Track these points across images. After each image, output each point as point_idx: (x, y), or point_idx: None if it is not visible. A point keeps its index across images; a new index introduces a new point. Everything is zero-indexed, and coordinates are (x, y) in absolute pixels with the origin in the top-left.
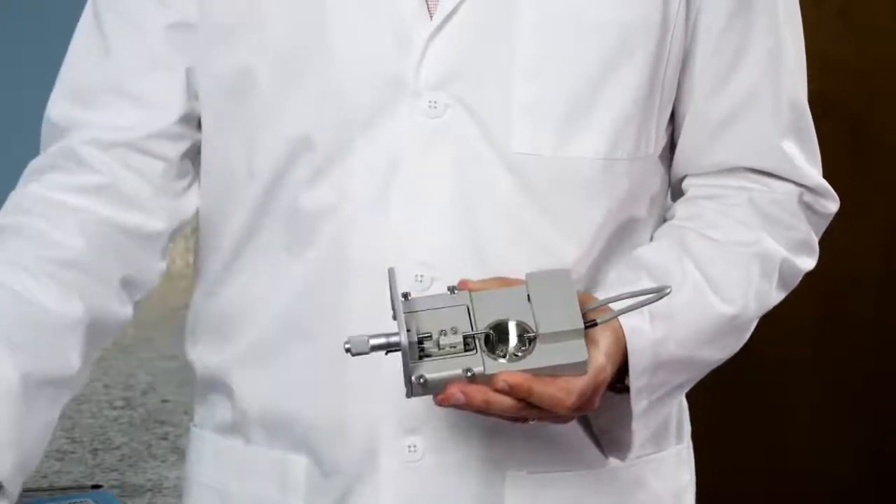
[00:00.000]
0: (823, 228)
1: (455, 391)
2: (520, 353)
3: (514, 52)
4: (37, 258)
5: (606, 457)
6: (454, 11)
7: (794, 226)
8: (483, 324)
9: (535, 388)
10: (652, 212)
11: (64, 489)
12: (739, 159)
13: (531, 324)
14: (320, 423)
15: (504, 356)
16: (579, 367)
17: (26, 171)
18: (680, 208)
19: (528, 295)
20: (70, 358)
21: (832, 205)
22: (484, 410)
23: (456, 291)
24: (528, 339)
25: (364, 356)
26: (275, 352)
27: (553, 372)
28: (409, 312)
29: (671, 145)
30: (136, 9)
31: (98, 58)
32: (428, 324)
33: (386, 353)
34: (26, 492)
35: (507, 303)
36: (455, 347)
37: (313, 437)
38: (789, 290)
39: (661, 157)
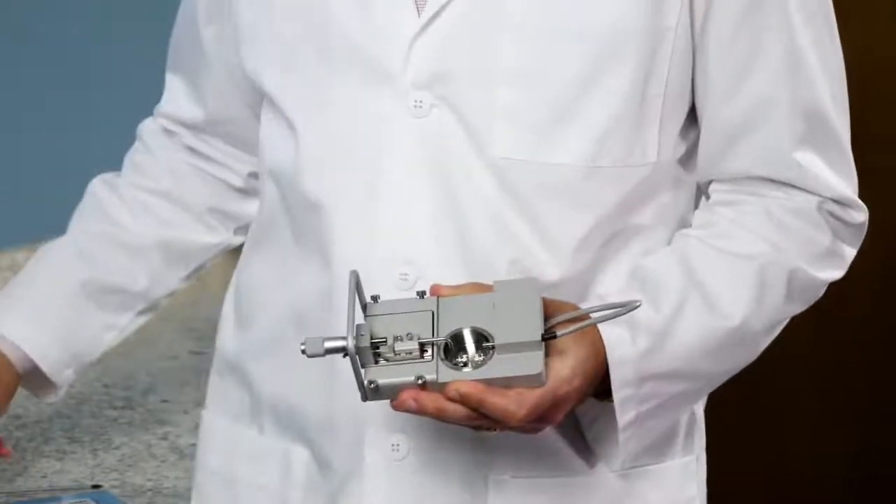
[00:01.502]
0: (857, 238)
1: (407, 398)
2: (480, 362)
3: (498, 56)
4: (132, 185)
5: (592, 465)
6: (440, 11)
7: (812, 236)
8: (446, 330)
9: (486, 399)
10: (662, 219)
11: (64, 489)
12: (753, 169)
13: (491, 333)
14: (316, 417)
15: (466, 364)
16: (534, 380)
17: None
18: (697, 215)
19: (494, 303)
20: (135, 273)
21: (858, 214)
22: (438, 418)
23: (425, 296)
24: (487, 348)
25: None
26: (282, 343)
27: (507, 383)
28: (372, 316)
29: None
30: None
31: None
32: (387, 328)
33: (344, 357)
34: (26, 492)
35: (474, 310)
36: (411, 353)
37: (312, 432)
38: (809, 302)
39: (680, 162)
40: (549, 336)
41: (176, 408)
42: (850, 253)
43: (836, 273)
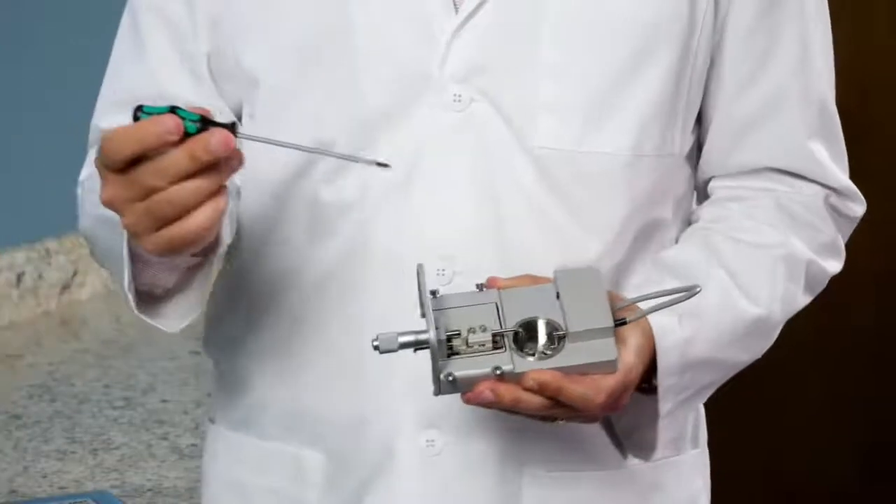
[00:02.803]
0: (850, 231)
1: (484, 389)
2: (549, 352)
3: (538, 49)
4: None
5: (625, 458)
6: (480, 6)
7: (820, 228)
8: (512, 322)
9: (564, 387)
10: (677, 214)
11: (63, 489)
12: (766, 160)
13: (560, 322)
14: (338, 418)
15: (533, 354)
16: (609, 366)
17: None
18: (705, 211)
19: (558, 293)
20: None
21: (858, 207)
22: (513, 409)
23: (484, 289)
24: (557, 337)
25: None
26: (293, 346)
27: (583, 371)
28: (438, 310)
29: (698, 147)
30: (171, 14)
31: (140, 66)
32: (456, 321)
33: (414, 351)
34: (26, 492)
35: (536, 301)
36: (484, 345)
37: (330, 433)
38: (815, 294)
39: (687, 158)
40: (619, 322)
41: (176, 408)
42: (843, 245)
43: (838, 265)
